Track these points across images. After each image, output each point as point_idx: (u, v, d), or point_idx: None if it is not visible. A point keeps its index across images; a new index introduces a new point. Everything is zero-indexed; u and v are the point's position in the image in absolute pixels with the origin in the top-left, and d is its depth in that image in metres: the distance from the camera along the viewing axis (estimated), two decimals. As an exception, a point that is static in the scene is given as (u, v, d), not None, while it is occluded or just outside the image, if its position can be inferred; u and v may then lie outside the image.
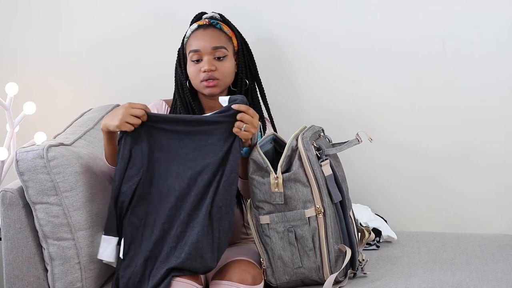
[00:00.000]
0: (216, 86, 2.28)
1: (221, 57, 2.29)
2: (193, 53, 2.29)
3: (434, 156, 2.70)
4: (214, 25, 2.33)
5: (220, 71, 2.28)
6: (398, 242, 2.50)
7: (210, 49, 2.28)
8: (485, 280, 2.13)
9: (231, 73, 2.32)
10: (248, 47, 2.40)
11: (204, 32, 2.31)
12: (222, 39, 2.31)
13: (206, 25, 2.33)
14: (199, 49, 2.28)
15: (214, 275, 2.13)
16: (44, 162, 2.08)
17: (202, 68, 2.27)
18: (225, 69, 2.29)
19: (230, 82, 2.33)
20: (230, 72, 2.31)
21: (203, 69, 2.26)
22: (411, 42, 2.65)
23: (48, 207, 2.10)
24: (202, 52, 2.28)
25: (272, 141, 2.21)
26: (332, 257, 2.09)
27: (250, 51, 2.40)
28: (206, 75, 2.27)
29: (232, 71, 2.32)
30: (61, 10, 2.79)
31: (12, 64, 2.82)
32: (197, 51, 2.28)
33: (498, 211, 2.70)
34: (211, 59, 2.28)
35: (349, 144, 2.16)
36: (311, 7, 2.68)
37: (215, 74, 2.27)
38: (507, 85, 2.64)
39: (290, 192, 2.06)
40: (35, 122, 2.76)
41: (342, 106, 2.71)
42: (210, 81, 2.27)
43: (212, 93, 2.29)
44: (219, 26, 2.33)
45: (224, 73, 2.29)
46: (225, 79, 2.30)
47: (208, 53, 2.28)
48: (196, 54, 2.28)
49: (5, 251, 2.13)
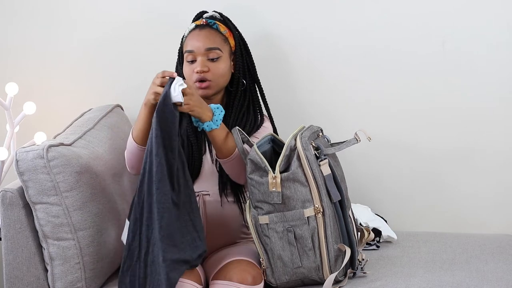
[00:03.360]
0: (208, 87, 2.27)
1: (215, 58, 2.28)
2: (187, 53, 2.29)
3: (434, 156, 2.70)
4: (211, 25, 2.32)
5: (212, 72, 2.27)
6: (398, 242, 2.50)
7: (203, 50, 2.27)
8: (485, 280, 2.13)
9: (224, 74, 2.31)
10: (246, 47, 2.39)
11: (200, 33, 2.30)
12: (216, 40, 2.30)
13: (202, 25, 2.32)
14: (193, 49, 2.28)
15: (214, 275, 2.14)
16: (44, 162, 2.08)
17: (195, 69, 2.27)
18: (218, 70, 2.28)
19: (225, 83, 2.33)
20: (223, 73, 2.30)
21: (196, 70, 2.26)
22: (411, 42, 2.65)
23: (48, 207, 2.10)
24: (196, 53, 2.27)
25: (270, 141, 2.21)
26: (331, 257, 2.09)
27: (248, 51, 2.40)
28: (199, 76, 2.26)
29: (226, 72, 2.31)
30: (61, 10, 2.79)
31: (12, 64, 2.82)
32: (191, 51, 2.28)
33: (498, 211, 2.70)
34: (205, 60, 2.27)
35: (347, 143, 2.16)
36: (311, 6, 2.67)
37: (207, 76, 2.26)
38: (507, 85, 2.64)
39: (289, 191, 2.07)
40: (35, 122, 2.76)
41: (342, 106, 2.71)
42: (202, 83, 2.27)
43: (204, 94, 2.27)
44: (215, 27, 2.32)
45: (217, 74, 2.28)
46: (218, 80, 2.29)
47: (201, 54, 2.27)
48: (190, 55, 2.28)
49: (5, 251, 2.13)
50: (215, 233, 2.27)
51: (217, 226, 2.27)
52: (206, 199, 2.26)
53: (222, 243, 2.29)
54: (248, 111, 2.34)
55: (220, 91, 2.33)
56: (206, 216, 2.25)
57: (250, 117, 2.33)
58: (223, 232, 2.28)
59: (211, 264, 2.21)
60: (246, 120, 2.31)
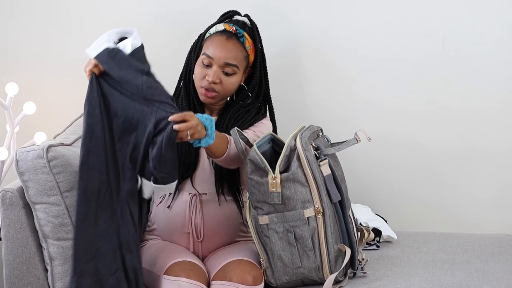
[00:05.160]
0: (213, 98, 2.27)
1: (230, 73, 2.27)
2: (205, 57, 2.26)
3: (434, 156, 2.70)
4: (238, 36, 2.28)
5: (223, 85, 2.26)
6: (398, 242, 2.50)
7: (222, 63, 2.24)
8: (485, 280, 2.13)
9: (233, 89, 2.30)
10: (264, 63, 2.36)
11: (226, 42, 2.26)
12: (238, 57, 2.26)
13: (231, 33, 2.28)
14: (213, 57, 2.25)
15: (214, 275, 2.14)
16: (44, 162, 2.08)
17: (207, 76, 2.25)
18: (229, 85, 2.27)
19: (230, 95, 2.32)
20: (232, 88, 2.29)
21: (207, 78, 2.25)
22: (411, 42, 2.65)
23: (48, 207, 2.10)
24: (215, 61, 2.25)
25: (270, 141, 2.21)
26: (331, 257, 2.09)
27: (265, 67, 2.36)
28: (208, 84, 2.25)
29: (235, 86, 2.30)
30: (61, 10, 2.79)
31: (12, 64, 2.82)
32: (210, 57, 2.25)
33: (498, 211, 2.70)
34: (219, 72, 2.25)
35: (347, 143, 2.16)
36: (310, 7, 2.67)
37: (217, 87, 2.25)
38: (507, 85, 2.64)
39: (289, 192, 2.06)
40: (35, 122, 2.76)
41: (342, 106, 2.71)
42: (209, 92, 2.25)
43: (206, 102, 2.28)
44: (242, 40, 2.28)
45: (227, 89, 2.27)
46: (225, 94, 2.28)
47: (219, 65, 2.25)
48: (208, 59, 2.25)
49: (5, 251, 2.13)
50: (213, 232, 2.26)
51: (215, 226, 2.26)
52: (203, 199, 2.26)
53: (220, 243, 2.29)
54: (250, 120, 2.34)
55: (221, 101, 2.33)
56: (203, 215, 2.25)
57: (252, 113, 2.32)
58: (221, 232, 2.28)
59: (211, 264, 2.21)
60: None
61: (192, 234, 2.25)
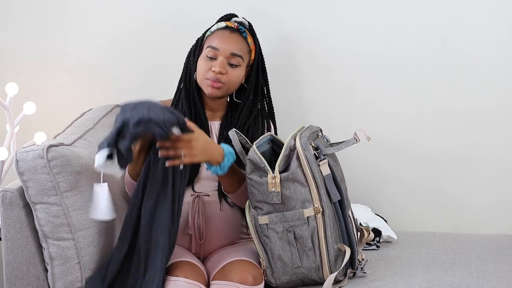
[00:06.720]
0: (219, 89, 2.28)
1: (235, 65, 2.28)
2: (211, 49, 2.28)
3: (434, 156, 2.70)
4: (241, 32, 2.32)
5: (228, 77, 2.27)
6: (398, 242, 2.50)
7: (228, 53, 2.27)
8: (485, 280, 2.13)
9: (237, 83, 2.31)
10: (263, 64, 2.39)
11: (230, 35, 2.30)
12: (243, 49, 2.30)
13: (233, 28, 2.32)
14: (219, 48, 2.27)
15: (214, 275, 2.14)
16: (44, 162, 2.08)
17: (213, 67, 2.26)
18: (234, 77, 2.28)
19: (233, 90, 2.33)
20: (237, 82, 2.31)
21: (214, 69, 2.26)
22: (411, 42, 2.65)
23: (48, 207, 2.10)
24: (220, 52, 2.27)
25: (269, 141, 2.21)
26: (331, 257, 2.09)
27: (264, 68, 2.40)
28: (215, 75, 2.26)
29: (239, 81, 2.32)
30: (61, 10, 2.79)
31: (12, 64, 2.82)
32: (215, 49, 2.27)
33: (498, 211, 2.70)
34: (225, 62, 2.27)
35: (347, 143, 2.16)
36: (310, 8, 2.68)
37: (223, 78, 2.27)
38: (507, 85, 2.64)
39: (288, 192, 2.06)
40: (35, 122, 2.76)
41: (342, 106, 2.71)
42: (215, 83, 2.27)
43: (212, 94, 2.28)
44: (245, 35, 2.32)
45: (232, 81, 2.28)
46: (230, 86, 2.29)
47: (225, 56, 2.27)
48: (213, 51, 2.27)
49: (5, 251, 2.13)
50: (215, 234, 2.27)
51: (216, 227, 2.26)
52: (205, 200, 2.26)
53: (221, 244, 2.29)
54: (255, 122, 2.34)
55: (225, 96, 2.33)
56: (205, 217, 2.25)
57: (257, 128, 2.34)
58: (222, 233, 2.28)
59: (211, 264, 2.21)
60: (252, 131, 2.32)
61: (194, 235, 2.25)
